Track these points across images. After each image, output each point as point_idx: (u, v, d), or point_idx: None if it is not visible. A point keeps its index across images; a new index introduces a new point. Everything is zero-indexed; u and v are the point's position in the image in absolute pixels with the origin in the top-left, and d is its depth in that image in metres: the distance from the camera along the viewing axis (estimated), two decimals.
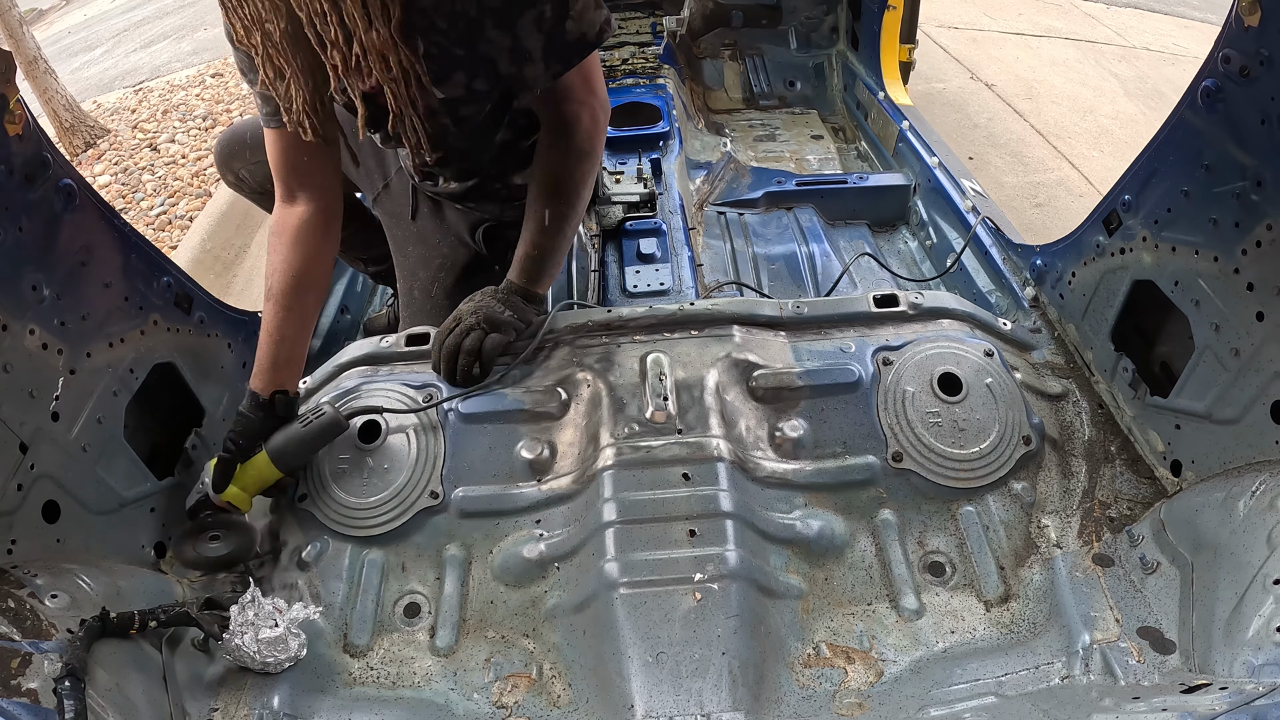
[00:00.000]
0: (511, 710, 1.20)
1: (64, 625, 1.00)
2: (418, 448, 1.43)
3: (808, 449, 1.44)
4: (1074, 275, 1.65)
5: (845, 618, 1.30)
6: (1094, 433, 1.50)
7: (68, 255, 1.28)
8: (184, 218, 4.09)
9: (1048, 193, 3.62)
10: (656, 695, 1.14)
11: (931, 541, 1.37)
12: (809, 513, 1.38)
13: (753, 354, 1.52)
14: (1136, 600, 1.20)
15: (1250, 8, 1.10)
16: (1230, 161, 1.21)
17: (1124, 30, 5.56)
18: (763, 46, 3.42)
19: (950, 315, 1.62)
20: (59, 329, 1.25)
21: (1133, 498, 1.40)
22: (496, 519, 1.40)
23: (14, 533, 1.12)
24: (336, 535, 1.39)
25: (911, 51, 3.01)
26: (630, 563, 1.26)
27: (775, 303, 1.64)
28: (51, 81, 4.80)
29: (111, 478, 1.33)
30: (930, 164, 2.42)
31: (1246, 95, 1.16)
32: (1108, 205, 1.52)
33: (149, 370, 1.45)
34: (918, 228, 2.46)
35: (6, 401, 1.14)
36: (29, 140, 1.18)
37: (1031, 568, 1.32)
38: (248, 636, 1.16)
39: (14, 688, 0.88)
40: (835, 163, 2.86)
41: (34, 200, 1.20)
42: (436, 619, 1.32)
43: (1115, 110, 4.38)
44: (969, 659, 1.21)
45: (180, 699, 1.11)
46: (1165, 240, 1.37)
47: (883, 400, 1.46)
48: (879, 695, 1.19)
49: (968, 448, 1.41)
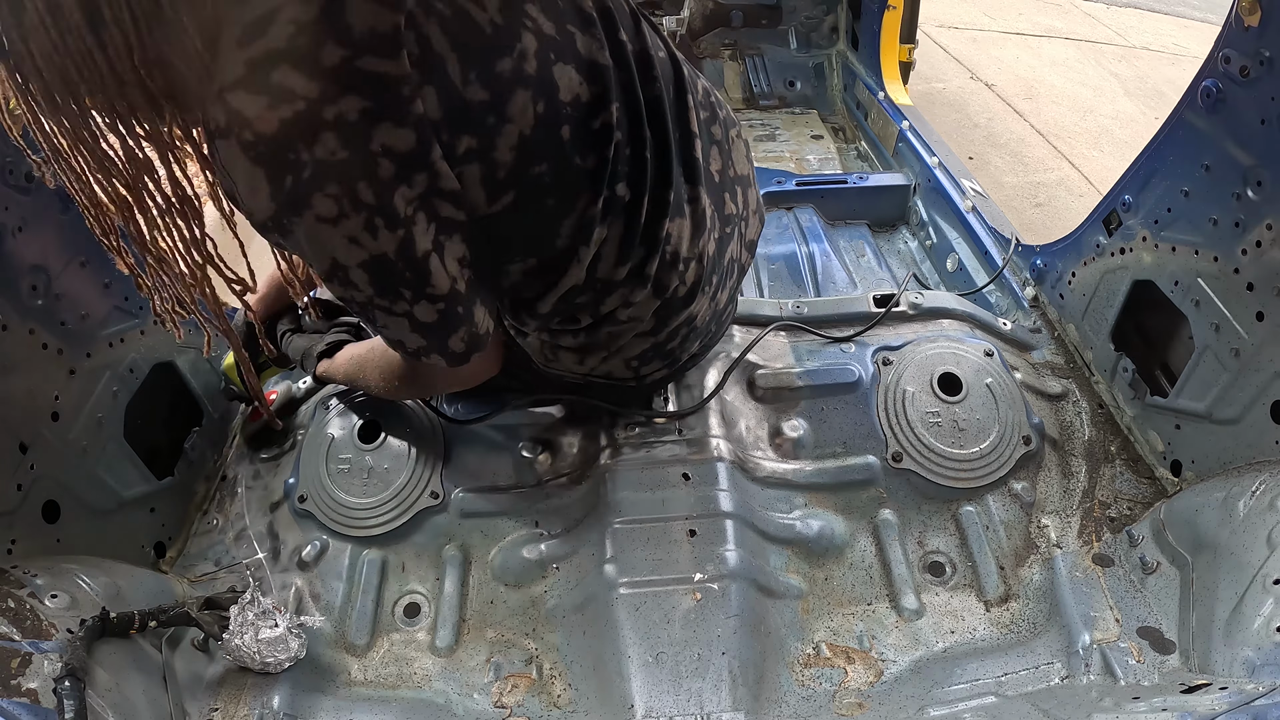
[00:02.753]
0: (511, 710, 1.20)
1: (64, 625, 1.00)
2: (418, 448, 1.43)
3: (808, 449, 1.44)
4: (1074, 275, 1.65)
5: (845, 618, 1.30)
6: (1094, 433, 1.50)
7: (68, 255, 1.27)
8: None
9: (1048, 193, 3.61)
10: (656, 695, 1.14)
11: (931, 541, 1.37)
12: (809, 513, 1.38)
13: (753, 354, 1.52)
14: (1136, 600, 1.20)
15: (1250, 8, 1.10)
16: (1230, 161, 1.21)
17: (1124, 30, 5.56)
18: (763, 46, 3.42)
19: (950, 315, 1.63)
20: (59, 329, 1.25)
21: (1133, 498, 1.40)
22: (496, 519, 1.40)
23: (14, 533, 1.12)
24: (336, 535, 1.39)
25: (911, 51, 3.01)
26: (630, 563, 1.26)
27: (775, 303, 1.64)
28: None
29: (111, 478, 1.33)
30: (930, 164, 2.42)
31: (1246, 95, 1.16)
32: (1108, 205, 1.52)
33: (149, 370, 1.45)
34: (918, 228, 2.46)
35: (6, 401, 1.14)
36: (29, 140, 1.18)
37: (1031, 568, 1.32)
38: (248, 636, 1.16)
39: (14, 688, 0.88)
40: (835, 163, 2.86)
41: (34, 200, 1.20)
42: (436, 619, 1.32)
43: (1115, 110, 4.38)
44: (969, 659, 1.21)
45: (180, 699, 1.11)
46: (1165, 240, 1.37)
47: (883, 400, 1.46)
48: (879, 695, 1.19)
49: (968, 448, 1.41)
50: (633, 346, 1.18)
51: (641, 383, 1.29)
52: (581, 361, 1.20)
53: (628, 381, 1.28)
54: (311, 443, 1.45)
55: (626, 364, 1.22)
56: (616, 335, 1.15)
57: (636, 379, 1.27)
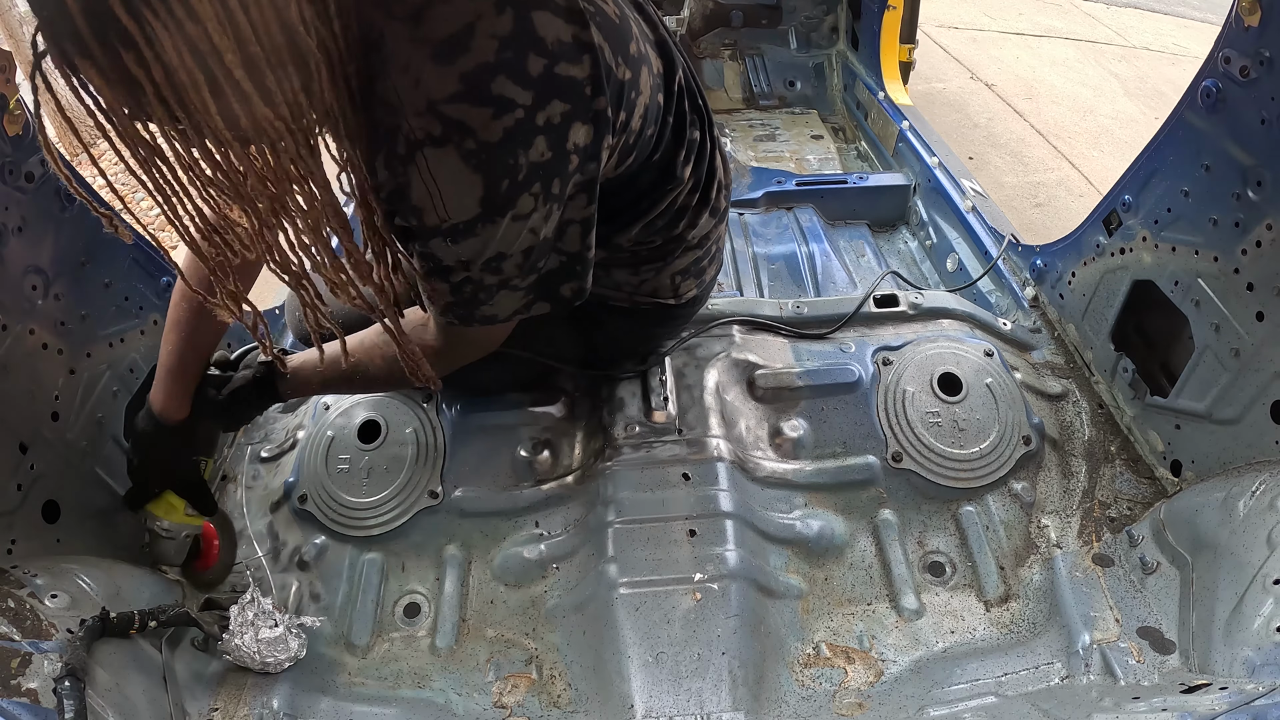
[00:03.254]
0: (511, 710, 1.20)
1: (64, 625, 1.00)
2: (418, 447, 1.43)
3: (807, 449, 1.44)
4: (1074, 275, 1.65)
5: (845, 618, 1.30)
6: (1094, 433, 1.50)
7: (68, 255, 1.27)
8: None
9: (1048, 193, 3.61)
10: (656, 695, 1.14)
11: (931, 541, 1.37)
12: (809, 513, 1.38)
13: (753, 354, 1.52)
14: (1136, 600, 1.20)
15: (1250, 8, 1.10)
16: (1230, 161, 1.21)
17: (1124, 30, 5.56)
18: (763, 46, 3.42)
19: (950, 315, 1.63)
20: (59, 329, 1.25)
21: (1133, 498, 1.40)
22: (496, 519, 1.40)
23: (14, 533, 1.12)
24: (336, 535, 1.39)
25: (911, 51, 3.01)
26: (630, 562, 1.26)
27: (775, 303, 1.64)
28: None
29: (111, 478, 1.33)
30: (930, 164, 2.42)
31: (1246, 95, 1.16)
32: (1108, 205, 1.52)
33: (149, 370, 1.45)
34: (918, 228, 2.46)
35: (6, 401, 1.14)
36: (29, 140, 1.18)
37: (1031, 568, 1.32)
38: (248, 637, 1.16)
39: (14, 688, 0.88)
40: (835, 163, 2.86)
41: (34, 200, 1.20)
42: (436, 619, 1.32)
43: (1115, 110, 4.38)
44: (969, 659, 1.21)
45: (180, 698, 1.11)
46: (1165, 240, 1.37)
47: (883, 400, 1.46)
48: (879, 695, 1.19)
49: (968, 448, 1.41)
50: (681, 260, 1.31)
51: (680, 300, 1.37)
52: (636, 272, 1.29)
53: (668, 300, 1.35)
54: (311, 443, 1.45)
55: (671, 280, 1.32)
56: (673, 249, 1.27)
57: (675, 296, 1.35)
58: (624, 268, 1.29)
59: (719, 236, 1.37)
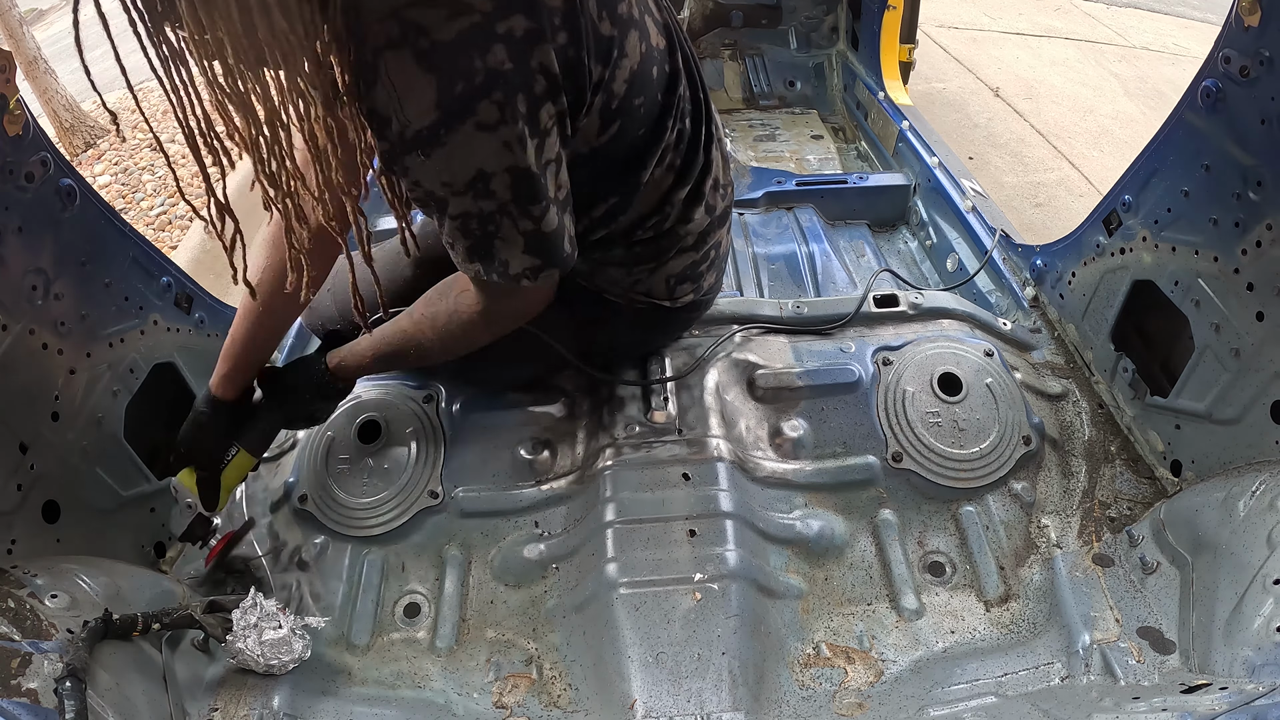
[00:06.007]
0: (511, 710, 1.20)
1: (64, 625, 1.00)
2: (418, 447, 1.43)
3: (808, 449, 1.44)
4: (1074, 275, 1.65)
5: (845, 618, 1.30)
6: (1094, 433, 1.50)
7: (68, 255, 1.27)
8: (184, 218, 4.08)
9: (1048, 193, 3.61)
10: (656, 695, 1.14)
11: (931, 541, 1.37)
12: (809, 513, 1.38)
13: (753, 354, 1.52)
14: (1136, 600, 1.20)
15: (1250, 8, 1.10)
16: (1230, 161, 1.21)
17: (1124, 30, 5.56)
18: (763, 46, 3.41)
19: (950, 315, 1.63)
20: (59, 329, 1.25)
21: (1133, 498, 1.40)
22: (496, 519, 1.40)
23: (14, 533, 1.12)
24: (336, 535, 1.39)
25: (911, 51, 3.01)
26: (630, 563, 1.26)
27: (775, 303, 1.64)
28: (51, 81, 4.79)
29: (111, 478, 1.33)
30: (930, 164, 2.42)
31: (1246, 95, 1.16)
32: (1108, 205, 1.52)
33: (149, 370, 1.45)
34: (918, 228, 2.46)
35: (6, 401, 1.14)
36: (29, 140, 1.18)
37: (1031, 568, 1.32)
38: (251, 639, 1.16)
39: (14, 688, 0.88)
40: (835, 163, 2.86)
41: (34, 200, 1.20)
42: (436, 619, 1.32)
43: (1115, 110, 4.38)
44: (969, 659, 1.21)
45: (180, 699, 1.11)
46: (1165, 240, 1.37)
47: (883, 400, 1.46)
48: (879, 695, 1.19)
49: (968, 448, 1.41)
50: (676, 262, 1.30)
51: (675, 304, 1.36)
52: (630, 272, 1.29)
53: (663, 302, 1.35)
54: (311, 443, 1.45)
55: (666, 282, 1.32)
56: (667, 249, 1.28)
57: (671, 299, 1.36)
58: (618, 266, 1.29)
59: (718, 242, 1.35)
